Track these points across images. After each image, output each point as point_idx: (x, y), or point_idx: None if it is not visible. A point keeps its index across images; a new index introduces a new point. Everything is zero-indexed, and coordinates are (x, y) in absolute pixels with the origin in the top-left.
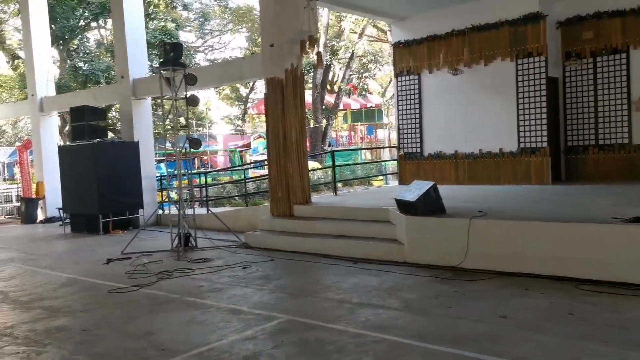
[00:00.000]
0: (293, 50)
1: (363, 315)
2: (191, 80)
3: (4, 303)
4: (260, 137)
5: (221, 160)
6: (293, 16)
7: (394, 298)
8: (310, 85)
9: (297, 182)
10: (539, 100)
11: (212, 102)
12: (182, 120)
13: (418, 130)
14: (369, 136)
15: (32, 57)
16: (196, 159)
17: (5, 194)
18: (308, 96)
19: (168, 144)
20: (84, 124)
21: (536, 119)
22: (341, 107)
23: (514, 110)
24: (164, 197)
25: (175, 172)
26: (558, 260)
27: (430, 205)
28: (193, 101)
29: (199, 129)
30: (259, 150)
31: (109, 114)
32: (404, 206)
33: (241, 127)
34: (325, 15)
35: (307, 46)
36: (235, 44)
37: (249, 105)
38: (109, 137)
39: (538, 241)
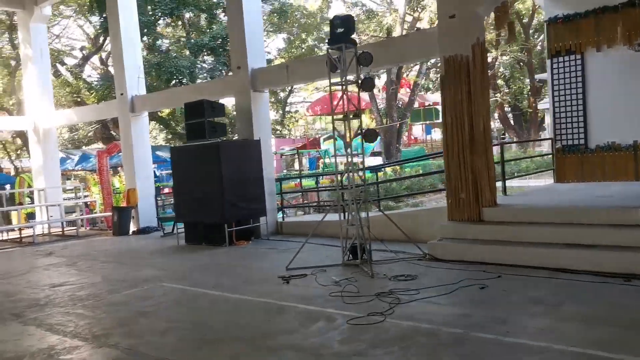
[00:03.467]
0: (478, 22)
1: None
2: (365, 60)
3: (222, 343)
4: (331, 138)
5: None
6: None
7: None
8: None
9: (485, 181)
10: None
11: None
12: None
13: (581, 119)
14: (427, 137)
15: (121, 53)
16: None
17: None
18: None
19: None
20: (204, 120)
21: None
22: (416, 105)
23: None
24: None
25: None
26: None
27: None
28: (367, 84)
29: None
30: (330, 152)
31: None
32: None
33: (280, 130)
34: (401, 6)
35: (501, 16)
36: (272, 46)
37: (298, 108)
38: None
39: None
